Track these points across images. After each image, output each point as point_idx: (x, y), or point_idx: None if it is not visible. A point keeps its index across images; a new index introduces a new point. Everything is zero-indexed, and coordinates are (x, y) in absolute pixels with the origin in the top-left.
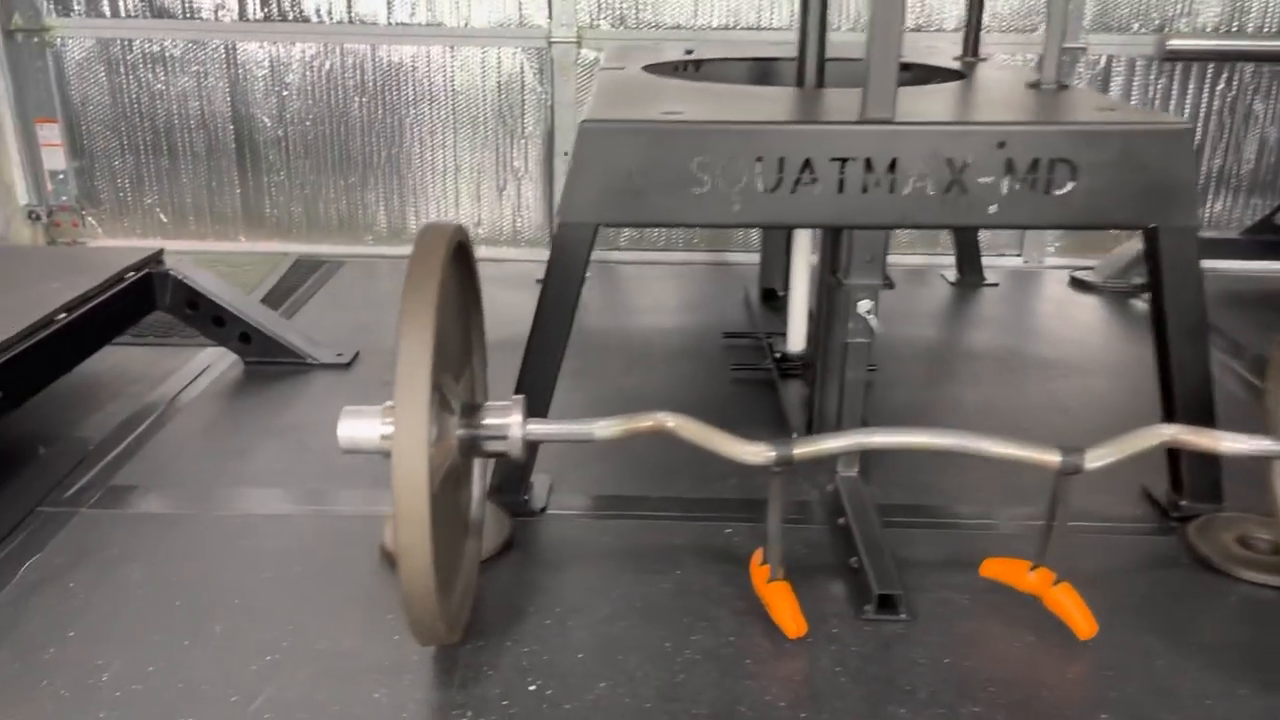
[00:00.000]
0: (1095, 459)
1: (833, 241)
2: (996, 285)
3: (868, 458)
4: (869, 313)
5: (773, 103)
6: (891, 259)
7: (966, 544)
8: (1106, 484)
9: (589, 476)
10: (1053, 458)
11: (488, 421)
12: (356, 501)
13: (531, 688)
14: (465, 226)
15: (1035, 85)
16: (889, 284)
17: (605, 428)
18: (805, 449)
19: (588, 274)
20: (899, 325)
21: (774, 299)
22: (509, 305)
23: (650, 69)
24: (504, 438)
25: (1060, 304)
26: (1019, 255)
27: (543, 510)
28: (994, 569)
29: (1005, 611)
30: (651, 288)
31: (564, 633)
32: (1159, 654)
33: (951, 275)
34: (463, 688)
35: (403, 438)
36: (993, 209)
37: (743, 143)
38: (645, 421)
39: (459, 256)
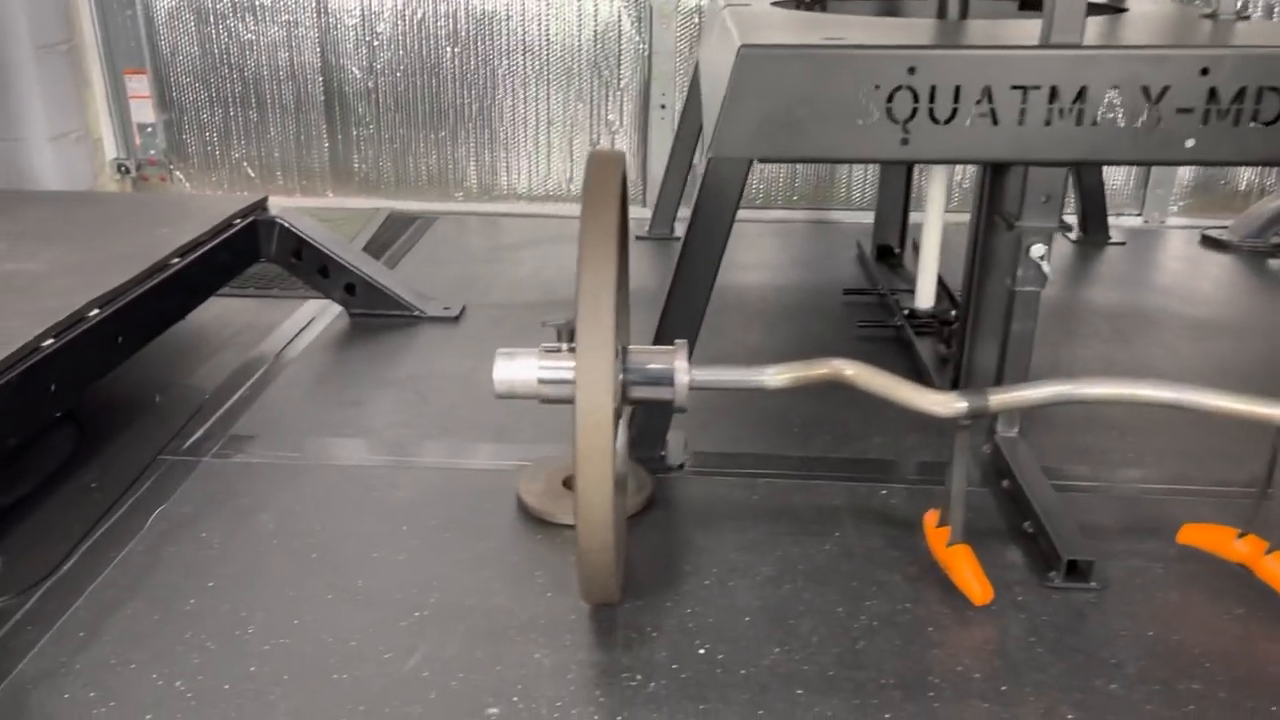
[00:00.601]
0: None
1: (995, 181)
2: (1123, 244)
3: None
4: (1042, 258)
5: (940, 32)
6: None
7: (1143, 510)
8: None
9: (721, 434)
10: (1278, 412)
11: (651, 366)
12: (484, 455)
13: (701, 650)
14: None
15: (1211, 16)
16: (1066, 227)
17: (776, 375)
18: (1001, 399)
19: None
20: None
21: (890, 256)
22: None
23: (778, 4)
24: (668, 384)
25: (1194, 263)
26: (1139, 214)
27: (681, 467)
28: (1194, 536)
29: (1206, 582)
30: (756, 245)
31: (726, 594)
32: None
33: (1073, 234)
34: (627, 649)
35: (587, 375)
36: (1190, 143)
37: (917, 69)
38: (820, 369)
39: (622, 187)
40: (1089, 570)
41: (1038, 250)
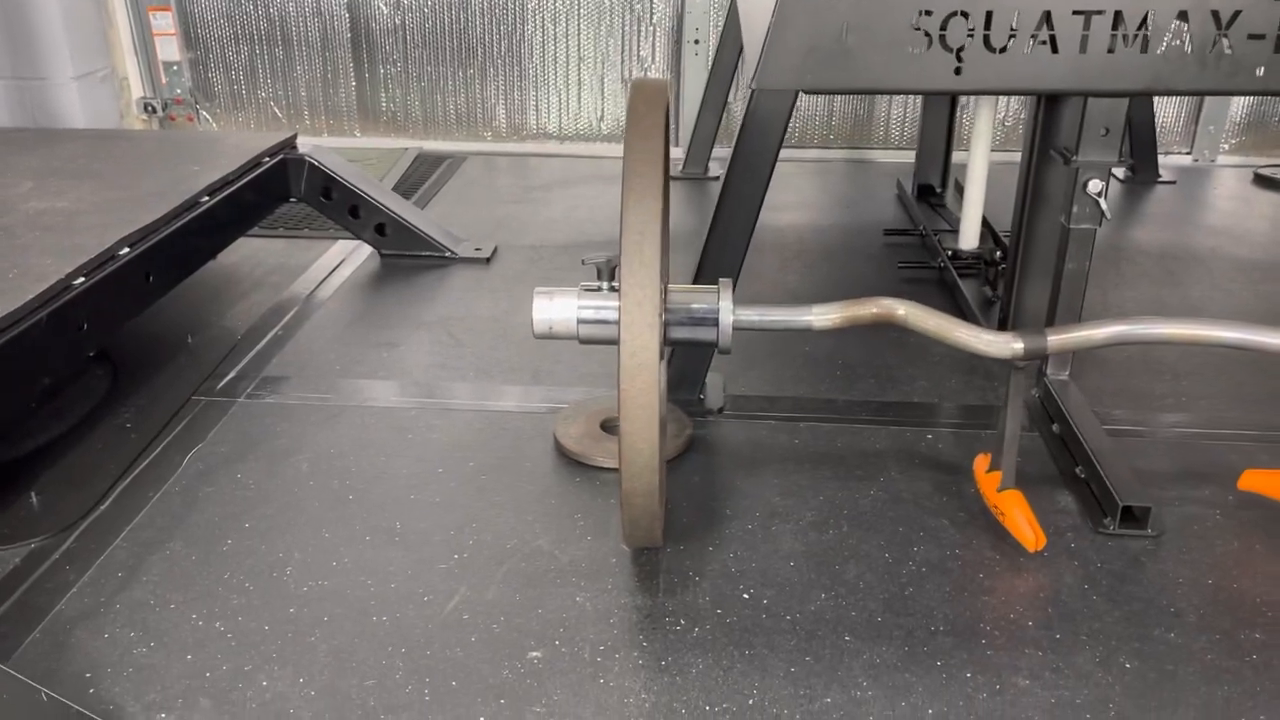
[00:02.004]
0: None
1: (1050, 114)
2: (1173, 183)
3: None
4: (1099, 195)
5: None
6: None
7: (1199, 456)
8: None
9: (764, 376)
10: None
11: (695, 306)
12: (520, 397)
13: (745, 595)
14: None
15: None
16: (1125, 161)
17: (823, 315)
18: (1059, 339)
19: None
20: None
21: (932, 195)
22: None
23: None
24: (713, 324)
25: (1248, 202)
26: (1188, 153)
27: (720, 410)
28: (1256, 482)
29: (1267, 529)
30: (792, 184)
31: (770, 538)
32: None
33: (1122, 172)
34: (670, 593)
35: (632, 313)
36: (1260, 71)
37: None
38: (870, 308)
39: (666, 118)
40: (1145, 517)
41: (1095, 186)
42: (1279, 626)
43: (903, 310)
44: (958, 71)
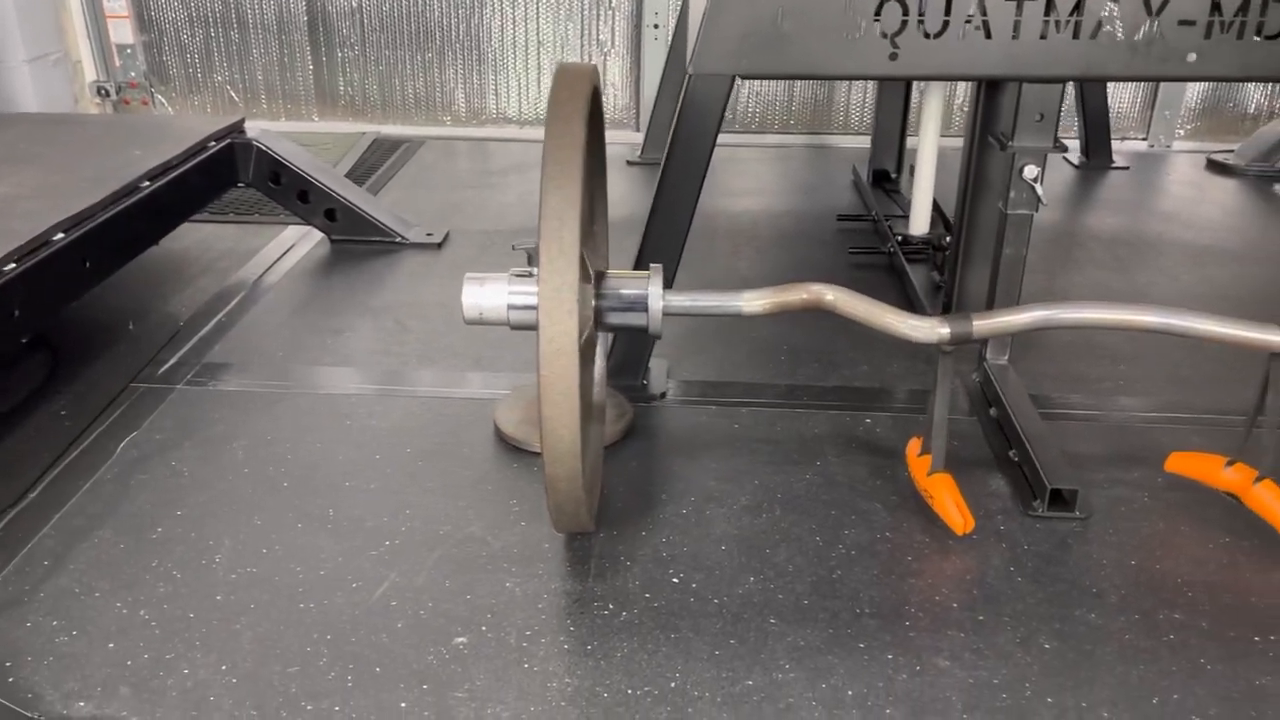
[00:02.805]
0: None
1: (990, 99)
2: (1126, 169)
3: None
4: (1035, 180)
5: None
6: None
7: (1131, 438)
8: None
9: (708, 362)
10: (1271, 337)
11: (625, 291)
12: (462, 383)
13: (675, 580)
14: (597, 69)
15: None
16: (1061, 147)
17: (753, 300)
18: (985, 324)
19: None
20: None
21: (887, 181)
22: None
23: None
24: (642, 309)
25: (1199, 187)
26: (1144, 138)
27: (663, 395)
28: (1182, 464)
29: (1193, 510)
30: (750, 170)
31: (703, 523)
32: None
33: (1076, 158)
34: (600, 578)
35: (550, 299)
36: (1192, 57)
37: None
38: (799, 294)
39: (593, 103)
40: (1073, 499)
41: (1030, 172)
42: (1197, 607)
43: (831, 295)
44: (893, 57)
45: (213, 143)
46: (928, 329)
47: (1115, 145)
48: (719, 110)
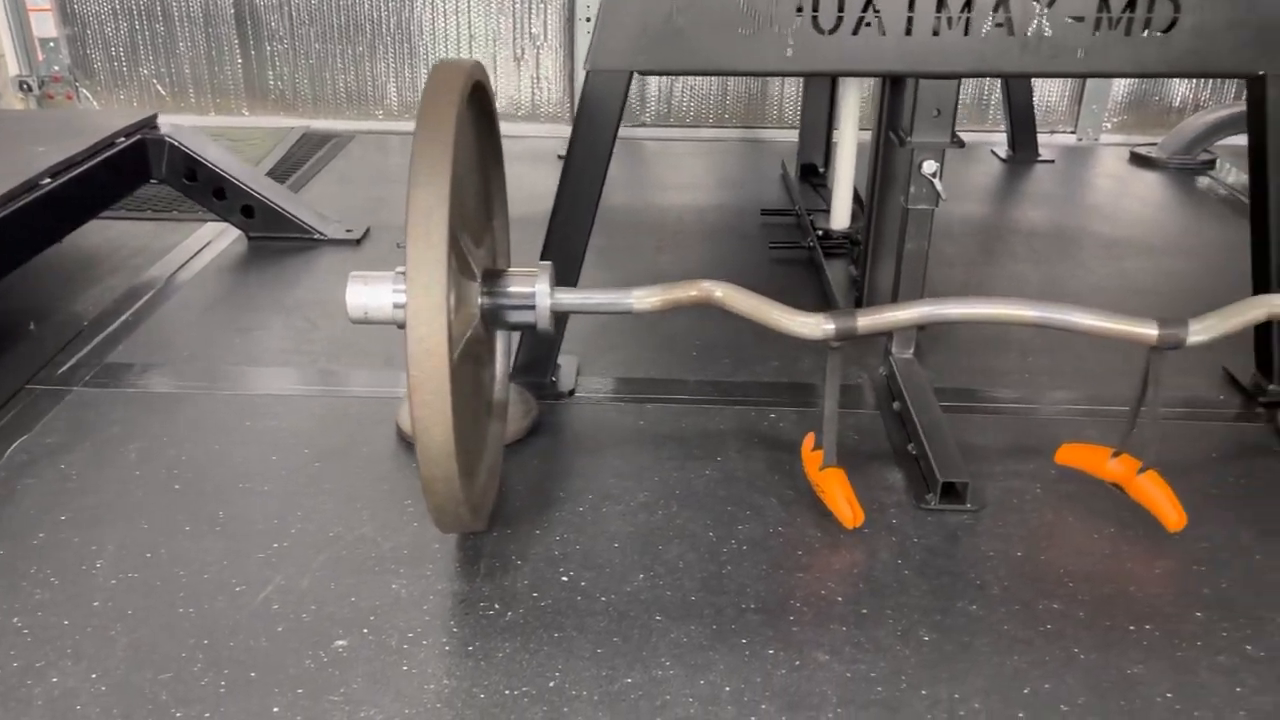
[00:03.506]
0: (1198, 332)
1: (894, 94)
2: (1052, 162)
3: (920, 340)
4: (934, 175)
5: None
6: None
7: (1033, 431)
8: (1186, 366)
9: (621, 358)
10: (1149, 330)
11: (512, 289)
12: (369, 382)
13: (564, 578)
14: (484, 65)
15: None
16: (959, 142)
17: (644, 298)
18: (869, 320)
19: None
20: (951, 202)
21: (814, 175)
22: (529, 182)
23: None
24: (530, 307)
25: (1122, 181)
26: (1072, 132)
27: (571, 393)
28: (1071, 456)
29: (1082, 502)
30: (682, 164)
31: (598, 520)
32: (1256, 548)
33: (1003, 151)
34: (489, 578)
35: (418, 298)
36: (1081, 54)
37: None
38: (689, 291)
39: (477, 100)
40: (964, 492)
41: (929, 167)
42: (1076, 597)
43: (720, 292)
44: (789, 53)
45: (122, 139)
46: (813, 325)
47: (1045, 139)
48: (618, 106)
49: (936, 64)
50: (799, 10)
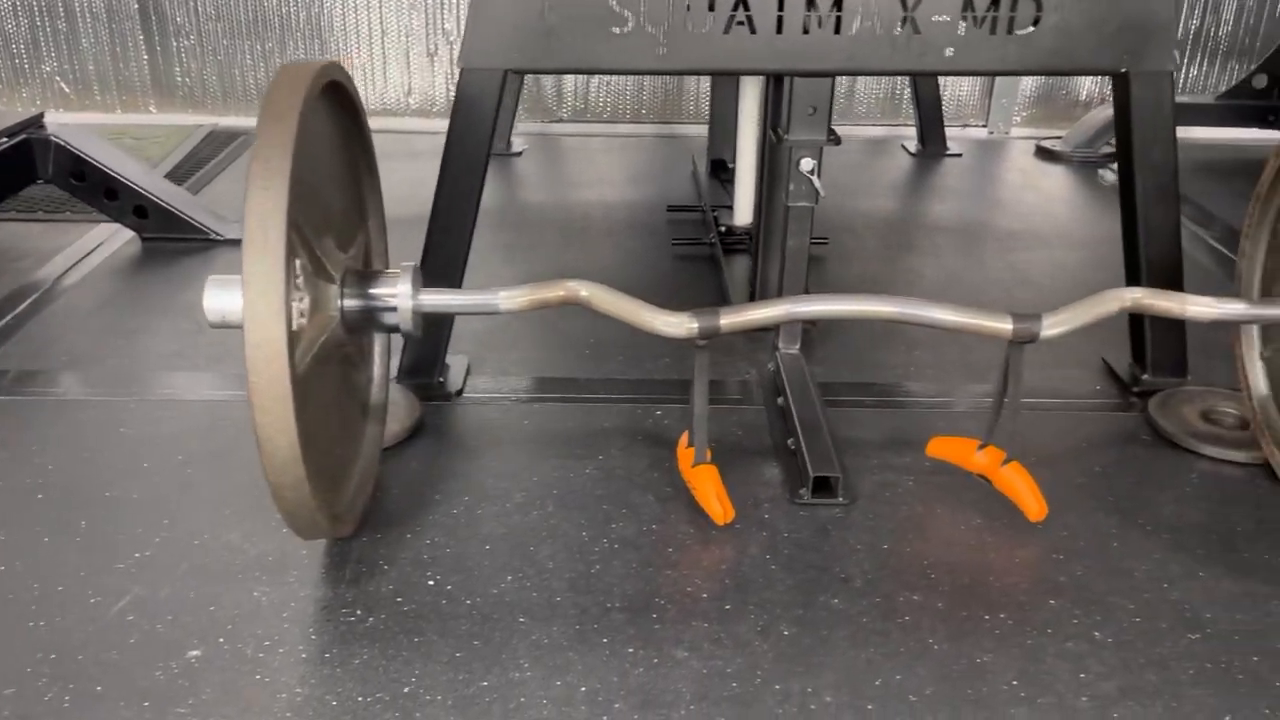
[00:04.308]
0: (1052, 326)
1: (774, 93)
2: (959, 156)
3: (812, 335)
4: (812, 173)
5: None
6: (851, 129)
7: (915, 424)
8: (1065, 358)
9: (515, 357)
10: (1004, 325)
11: (373, 291)
12: None
13: (430, 582)
14: (344, 68)
15: None
16: (835, 139)
17: (511, 298)
18: (732, 319)
19: (525, 147)
20: (857, 197)
21: (724, 170)
22: None
23: None
24: (391, 310)
25: (1026, 174)
26: (984, 126)
27: (459, 393)
28: (940, 448)
29: (953, 494)
30: (596, 160)
31: (473, 523)
32: (1115, 535)
33: (913, 146)
34: (354, 584)
35: (254, 303)
36: (949, 52)
37: None
38: (555, 291)
39: (337, 102)
40: (836, 486)
41: (807, 164)
42: (937, 588)
43: (585, 292)
44: (662, 52)
45: (4, 139)
46: (677, 324)
47: (958, 133)
48: (493, 105)
49: (808, 62)
50: (670, 9)
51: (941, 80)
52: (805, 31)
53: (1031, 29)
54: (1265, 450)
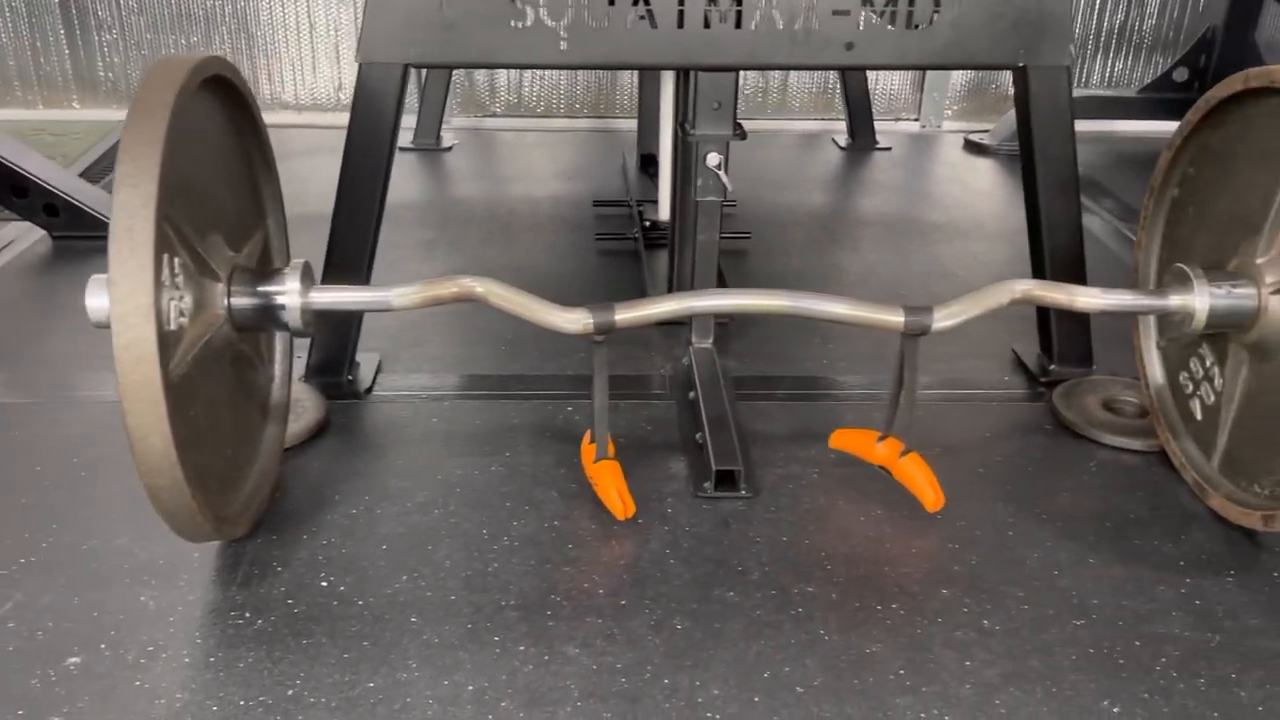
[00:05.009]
0: (944, 318)
1: (682, 88)
2: (889, 150)
3: (729, 329)
4: (718, 167)
5: None
6: (784, 124)
7: (824, 417)
8: (976, 349)
9: (428, 354)
10: (896, 318)
11: (263, 289)
12: None
13: (324, 584)
14: (233, 63)
15: None
16: (740, 134)
17: (404, 295)
18: (627, 315)
19: (456, 142)
20: (783, 191)
21: (653, 165)
22: None
23: None
24: (280, 308)
25: (953, 167)
26: (916, 119)
27: (368, 392)
28: (843, 440)
29: (856, 486)
30: (527, 155)
31: (372, 523)
32: (1011, 525)
33: (843, 140)
34: (245, 586)
35: (121, 304)
36: (848, 47)
37: None
38: (449, 288)
39: (226, 97)
40: (739, 479)
41: (713, 159)
42: (831, 579)
43: (480, 288)
44: (562, 47)
45: None
46: (573, 320)
47: (890, 126)
48: (394, 100)
49: (709, 57)
50: (570, 3)
51: (873, 75)
52: (706, 26)
53: (931, 23)
54: (1161, 438)
